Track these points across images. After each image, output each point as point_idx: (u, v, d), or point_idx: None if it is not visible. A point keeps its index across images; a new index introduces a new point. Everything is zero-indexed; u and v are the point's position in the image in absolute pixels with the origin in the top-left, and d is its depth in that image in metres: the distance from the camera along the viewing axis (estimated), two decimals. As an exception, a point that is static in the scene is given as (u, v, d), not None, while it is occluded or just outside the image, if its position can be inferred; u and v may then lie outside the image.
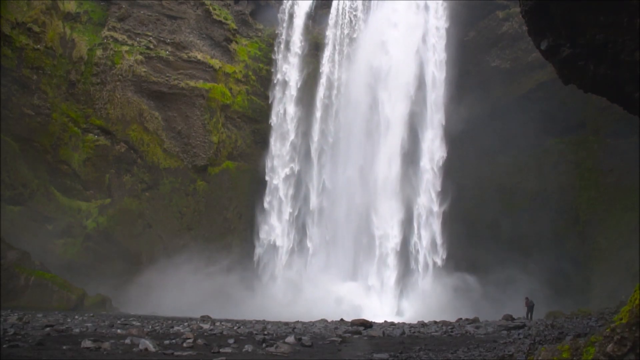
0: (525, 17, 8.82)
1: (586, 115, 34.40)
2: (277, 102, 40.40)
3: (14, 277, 29.39)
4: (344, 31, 39.67)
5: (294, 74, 40.36)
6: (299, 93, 40.08)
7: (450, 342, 15.01)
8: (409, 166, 35.40)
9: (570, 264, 33.37)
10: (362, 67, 37.38)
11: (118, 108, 38.31)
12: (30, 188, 35.71)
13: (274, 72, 40.96)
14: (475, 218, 36.85)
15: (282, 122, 40.06)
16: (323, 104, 39.24)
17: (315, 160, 38.98)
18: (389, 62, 36.36)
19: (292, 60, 40.66)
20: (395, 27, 36.90)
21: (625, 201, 31.16)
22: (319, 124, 39.06)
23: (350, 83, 38.08)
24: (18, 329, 15.23)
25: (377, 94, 36.29)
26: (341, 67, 39.23)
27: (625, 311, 6.41)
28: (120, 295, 33.26)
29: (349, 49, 39.24)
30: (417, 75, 36.25)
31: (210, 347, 12.53)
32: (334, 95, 39.14)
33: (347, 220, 36.03)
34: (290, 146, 39.52)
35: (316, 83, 39.73)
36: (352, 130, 37.31)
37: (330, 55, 39.72)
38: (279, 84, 40.53)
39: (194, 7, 40.57)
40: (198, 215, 38.93)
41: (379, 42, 37.05)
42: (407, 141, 35.42)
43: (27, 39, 35.56)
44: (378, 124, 36.05)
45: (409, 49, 36.30)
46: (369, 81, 36.71)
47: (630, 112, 8.81)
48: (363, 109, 36.76)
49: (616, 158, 32.32)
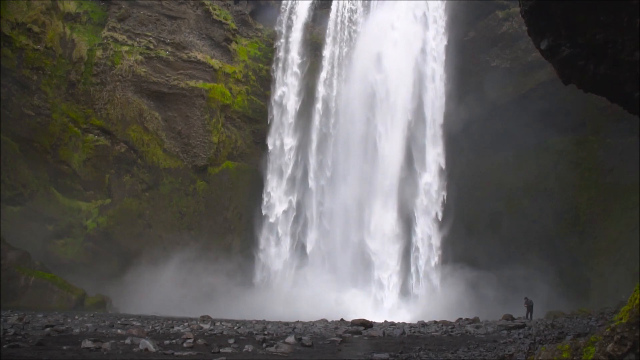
0: (525, 17, 8.82)
1: (586, 115, 34.40)
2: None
3: (14, 277, 29.41)
4: (344, 31, 39.65)
5: (293, 90, 40.35)
6: (297, 117, 39.95)
7: (451, 342, 15.01)
8: (409, 166, 35.34)
9: (570, 264, 33.38)
10: (362, 66, 37.34)
11: (118, 108, 38.32)
12: (30, 188, 35.72)
13: (272, 92, 40.67)
14: (475, 218, 36.87)
15: (280, 121, 40.18)
16: (323, 102, 39.15)
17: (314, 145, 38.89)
18: (388, 62, 36.34)
19: (292, 63, 40.72)
20: (395, 27, 36.89)
21: (625, 201, 31.16)
22: (317, 125, 39.03)
23: (350, 81, 38.03)
24: (18, 329, 15.23)
25: (377, 93, 36.26)
26: (341, 67, 39.20)
27: (625, 311, 6.41)
28: (120, 296, 33.26)
29: (348, 49, 39.22)
30: (417, 75, 36.24)
31: (211, 347, 12.53)
32: (334, 93, 39.02)
33: (344, 222, 35.95)
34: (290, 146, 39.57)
35: (315, 83, 39.74)
36: (351, 129, 37.20)
37: (330, 55, 39.69)
38: (277, 105, 40.46)
39: (193, 7, 40.58)
40: (198, 215, 38.94)
41: (378, 41, 37.04)
42: (407, 140, 35.39)
43: (27, 39, 35.57)
44: (378, 124, 35.95)
45: (408, 49, 36.28)
46: (369, 80, 36.68)
47: (630, 112, 8.81)
48: (363, 108, 36.69)
49: (616, 158, 32.31)
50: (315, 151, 38.60)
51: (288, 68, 40.56)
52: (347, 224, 35.45)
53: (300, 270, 36.80)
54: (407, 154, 35.13)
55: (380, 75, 36.22)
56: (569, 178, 34.87)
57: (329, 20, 40.24)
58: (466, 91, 35.95)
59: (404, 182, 34.76)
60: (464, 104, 34.98)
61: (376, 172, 35.17)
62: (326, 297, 32.32)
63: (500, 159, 36.76)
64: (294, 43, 40.86)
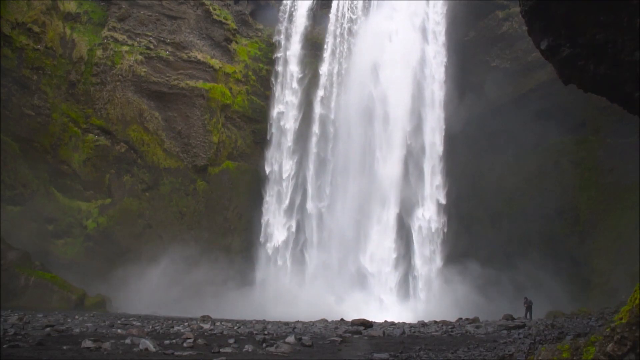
0: (525, 17, 8.82)
1: (586, 115, 34.38)
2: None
3: (14, 277, 29.42)
4: (344, 31, 39.63)
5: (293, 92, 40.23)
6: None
7: (451, 342, 15.01)
8: (409, 165, 35.31)
9: (570, 264, 33.37)
10: (362, 65, 37.32)
11: (118, 108, 38.33)
12: (30, 188, 35.72)
13: (270, 107, 40.37)
14: (475, 218, 36.86)
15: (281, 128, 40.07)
16: (320, 123, 38.78)
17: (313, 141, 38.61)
18: (388, 61, 36.33)
19: (291, 63, 40.66)
20: (395, 27, 36.88)
21: (625, 201, 31.15)
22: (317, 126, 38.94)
23: (350, 80, 37.96)
24: (18, 329, 15.23)
25: (377, 92, 36.22)
26: (341, 66, 39.16)
27: (625, 311, 6.41)
28: (120, 295, 33.26)
29: (348, 47, 39.20)
30: (417, 75, 36.23)
31: (211, 347, 12.54)
32: (332, 116, 38.60)
33: (343, 247, 35.83)
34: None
35: (316, 82, 39.72)
36: (350, 153, 36.97)
37: (330, 55, 39.67)
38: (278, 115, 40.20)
39: (194, 7, 40.57)
40: (198, 215, 38.94)
41: (378, 41, 37.02)
42: (408, 139, 35.34)
43: (27, 39, 35.57)
44: (378, 120, 35.89)
45: (408, 49, 36.28)
46: (369, 79, 36.66)
47: (630, 112, 8.80)
48: (362, 106, 36.57)
49: (616, 158, 32.30)
50: (313, 177, 38.11)
51: (286, 86, 40.02)
52: (345, 249, 34.84)
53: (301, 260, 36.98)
54: (405, 169, 34.72)
55: (377, 91, 35.74)
56: (569, 178, 34.86)
57: (329, 23, 40.19)
58: (466, 91, 35.94)
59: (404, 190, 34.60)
60: (464, 104, 34.98)
61: (374, 195, 34.67)
62: (326, 297, 32.31)
63: (500, 159, 36.75)
64: (293, 45, 40.66)
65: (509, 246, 35.14)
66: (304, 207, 38.00)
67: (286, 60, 40.51)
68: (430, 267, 33.93)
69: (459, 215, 35.20)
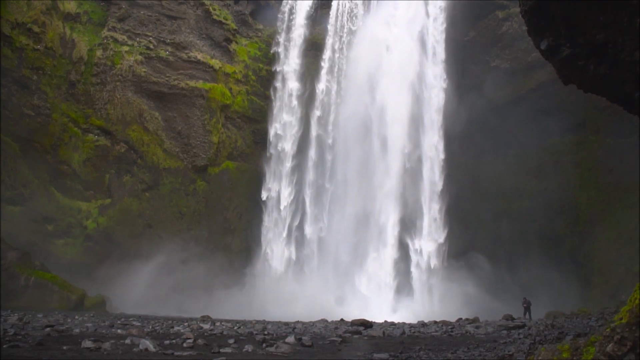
0: (525, 17, 8.82)
1: (586, 115, 34.39)
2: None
3: (14, 277, 29.39)
4: (344, 31, 39.59)
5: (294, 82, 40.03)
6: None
7: (451, 342, 15.01)
8: (410, 165, 35.26)
9: (570, 263, 33.37)
10: (362, 65, 37.29)
11: (118, 108, 38.32)
12: (30, 188, 35.71)
13: (269, 124, 40.07)
14: (475, 218, 36.86)
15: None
16: (317, 146, 38.56)
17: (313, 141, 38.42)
18: (388, 62, 36.31)
19: (291, 64, 40.56)
20: (394, 27, 36.86)
21: (625, 201, 31.14)
22: (316, 126, 38.86)
23: (348, 96, 37.81)
24: (18, 329, 15.23)
25: (377, 93, 36.19)
26: (341, 66, 39.10)
27: (625, 311, 6.41)
28: (120, 296, 33.23)
29: (348, 48, 39.12)
30: (417, 75, 36.20)
31: (211, 347, 12.54)
32: (330, 140, 38.39)
33: (347, 218, 35.77)
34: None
35: (313, 97, 39.64)
36: (350, 128, 36.90)
37: (329, 55, 39.62)
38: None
39: (193, 8, 40.58)
40: (198, 215, 38.93)
41: (378, 41, 37.01)
42: (408, 142, 35.28)
43: (27, 39, 35.57)
44: (376, 140, 35.65)
45: (408, 49, 36.25)
46: (369, 80, 36.62)
47: (630, 112, 8.80)
48: (362, 108, 36.51)
49: (616, 158, 32.29)
50: (311, 203, 37.77)
51: (284, 107, 39.58)
52: (342, 273, 34.48)
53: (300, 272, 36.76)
54: (404, 188, 34.42)
55: (375, 109, 35.36)
56: (569, 178, 34.86)
57: (328, 23, 40.12)
58: (466, 91, 35.93)
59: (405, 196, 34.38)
60: (464, 104, 34.96)
61: (372, 220, 34.38)
62: (326, 297, 32.29)
63: (500, 159, 36.76)
64: (292, 57, 40.41)
65: (509, 246, 35.14)
66: (302, 232, 37.55)
67: (284, 77, 40.09)
68: (430, 267, 33.88)
69: (459, 215, 35.18)
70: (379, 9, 38.39)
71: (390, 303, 32.49)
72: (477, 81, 36.98)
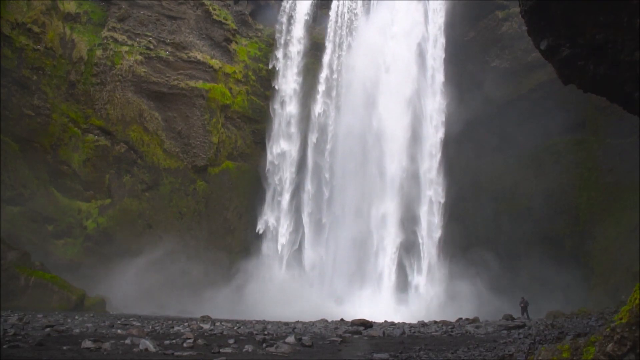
0: (525, 17, 8.83)
1: (586, 115, 34.40)
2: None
3: (14, 277, 29.37)
4: (344, 31, 39.57)
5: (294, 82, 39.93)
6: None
7: (451, 342, 15.01)
8: (410, 164, 35.28)
9: (570, 264, 33.37)
10: (362, 65, 37.28)
11: (118, 108, 38.32)
12: (30, 188, 35.70)
13: (267, 141, 40.02)
14: (475, 218, 36.87)
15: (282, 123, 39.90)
16: (323, 102, 38.79)
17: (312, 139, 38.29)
18: (388, 62, 36.31)
19: (291, 64, 40.50)
20: (394, 27, 36.86)
21: (625, 201, 31.14)
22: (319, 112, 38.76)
23: (350, 81, 37.83)
24: (18, 330, 15.23)
25: (377, 94, 36.19)
26: (340, 66, 39.08)
27: (625, 311, 6.41)
28: (120, 296, 33.23)
29: (348, 49, 39.12)
30: (417, 75, 36.20)
31: (211, 347, 12.53)
32: (333, 91, 38.62)
33: (348, 222, 35.72)
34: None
35: (315, 82, 39.68)
36: (351, 129, 36.86)
37: (329, 56, 39.62)
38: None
39: (193, 8, 40.58)
40: (198, 215, 38.94)
41: (378, 41, 37.01)
42: (407, 141, 35.29)
43: (27, 39, 35.57)
44: (377, 149, 35.56)
45: (408, 49, 36.26)
46: (369, 80, 36.63)
47: (630, 112, 8.81)
48: (362, 110, 36.48)
49: (616, 158, 32.30)
50: (309, 236, 37.71)
51: (282, 133, 39.35)
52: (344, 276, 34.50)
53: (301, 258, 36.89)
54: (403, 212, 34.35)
55: (372, 135, 35.18)
56: (569, 178, 34.87)
57: (328, 22, 40.08)
58: (466, 91, 35.93)
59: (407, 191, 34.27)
60: (464, 104, 34.97)
61: (369, 245, 34.31)
62: (326, 297, 32.30)
63: (500, 159, 36.77)
64: (293, 50, 40.37)
65: (509, 246, 35.15)
66: (301, 260, 37.41)
67: (283, 101, 39.88)
68: (430, 267, 33.86)
69: (459, 215, 35.18)
70: (376, 15, 38.07)
71: (391, 303, 32.47)
72: (477, 81, 37.00)
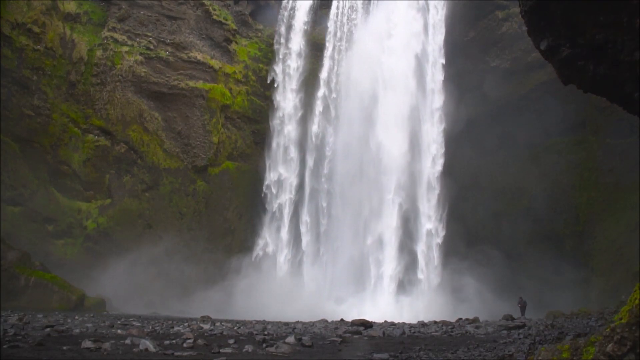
0: (524, 17, 8.82)
1: (586, 115, 34.40)
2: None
3: (14, 277, 29.38)
4: (343, 31, 39.55)
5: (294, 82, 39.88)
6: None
7: (450, 342, 15.01)
8: (409, 164, 35.24)
9: (570, 264, 33.37)
10: (362, 66, 37.27)
11: (118, 108, 38.32)
12: (30, 188, 35.71)
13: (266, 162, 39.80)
14: (474, 218, 36.85)
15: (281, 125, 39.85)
16: (323, 102, 38.77)
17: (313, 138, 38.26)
18: (388, 61, 36.29)
19: (291, 63, 40.48)
20: (394, 27, 36.83)
21: (625, 201, 31.15)
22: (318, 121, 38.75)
23: (350, 81, 37.79)
24: (18, 330, 15.23)
25: (377, 93, 36.16)
26: (340, 67, 39.05)
27: (625, 311, 6.41)
28: (120, 296, 33.25)
29: (348, 49, 39.08)
30: (417, 75, 36.17)
31: (211, 347, 12.54)
32: (333, 91, 38.60)
33: (346, 222, 35.67)
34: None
35: (316, 82, 39.65)
36: (348, 149, 36.65)
37: (330, 56, 39.60)
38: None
39: (193, 8, 40.58)
40: (198, 215, 38.93)
41: (378, 41, 37.00)
42: (408, 139, 35.20)
43: (27, 39, 35.58)
44: (378, 124, 35.66)
45: (408, 49, 36.24)
46: (369, 80, 36.60)
47: (630, 112, 8.81)
48: (360, 129, 36.21)
49: (616, 158, 32.30)
50: (308, 227, 37.63)
51: (280, 160, 39.17)
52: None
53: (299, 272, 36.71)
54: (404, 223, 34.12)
55: (370, 157, 34.89)
56: (569, 178, 34.87)
57: (328, 21, 40.06)
58: (466, 91, 35.92)
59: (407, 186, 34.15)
60: (464, 104, 34.95)
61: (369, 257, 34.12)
62: (326, 297, 32.28)
63: (500, 159, 36.76)
64: (293, 50, 40.30)
65: (509, 246, 35.13)
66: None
67: (282, 120, 39.68)
68: (430, 267, 33.84)
69: (458, 215, 35.16)
70: (374, 25, 37.94)
71: (391, 303, 32.46)
72: (477, 81, 36.99)
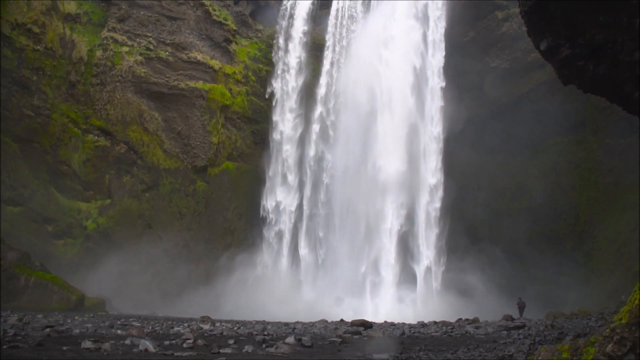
0: (524, 17, 8.82)
1: (586, 115, 34.41)
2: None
3: (14, 277, 29.37)
4: (343, 31, 39.54)
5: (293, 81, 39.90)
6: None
7: (450, 343, 15.01)
8: (411, 165, 35.21)
9: (570, 264, 33.38)
10: (362, 65, 37.25)
11: (118, 109, 38.33)
12: (30, 188, 35.71)
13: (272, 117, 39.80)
14: (475, 218, 36.85)
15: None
16: (323, 101, 38.75)
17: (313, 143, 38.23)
18: (388, 61, 36.28)
19: (291, 63, 40.45)
20: (394, 27, 36.81)
21: (625, 201, 31.16)
22: (318, 122, 38.77)
23: (350, 80, 37.77)
24: (18, 330, 15.23)
25: (377, 93, 36.15)
26: (340, 66, 39.04)
27: (625, 311, 6.41)
28: (120, 296, 33.25)
29: (348, 48, 39.07)
30: (417, 75, 36.16)
31: (210, 348, 12.54)
32: (332, 91, 38.57)
33: (348, 224, 35.61)
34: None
35: (316, 83, 39.65)
36: (352, 127, 36.71)
37: (329, 56, 39.60)
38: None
39: (193, 8, 40.57)
40: (198, 215, 38.93)
41: (378, 41, 36.98)
42: (408, 138, 35.17)
43: (27, 39, 35.58)
44: (377, 122, 35.62)
45: (408, 49, 36.23)
46: (369, 80, 36.60)
47: (630, 112, 8.80)
48: (362, 107, 36.34)
49: (616, 158, 32.32)
50: (305, 231, 37.58)
51: (278, 184, 39.03)
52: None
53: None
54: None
55: (370, 168, 34.63)
56: (569, 178, 34.88)
57: (328, 21, 40.05)
58: (466, 91, 35.91)
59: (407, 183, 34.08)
60: (463, 104, 34.95)
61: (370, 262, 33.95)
62: (325, 298, 32.27)
63: (500, 159, 36.76)
64: (291, 66, 40.25)
65: (509, 246, 35.12)
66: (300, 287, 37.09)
67: (282, 137, 39.48)
68: (430, 267, 33.81)
69: (459, 215, 35.16)
70: (374, 23, 37.90)
71: (390, 304, 32.43)
72: (477, 81, 36.99)
